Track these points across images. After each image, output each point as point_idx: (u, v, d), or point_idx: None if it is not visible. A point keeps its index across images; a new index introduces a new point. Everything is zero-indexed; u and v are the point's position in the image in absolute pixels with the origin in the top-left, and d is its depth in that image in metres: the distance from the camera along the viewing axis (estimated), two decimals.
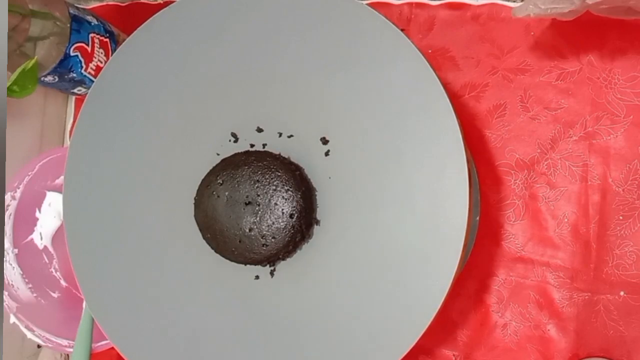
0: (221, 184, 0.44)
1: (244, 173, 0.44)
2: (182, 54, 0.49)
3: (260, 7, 0.47)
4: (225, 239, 0.44)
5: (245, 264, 0.45)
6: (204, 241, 0.46)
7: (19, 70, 0.49)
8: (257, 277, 0.45)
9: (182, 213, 0.47)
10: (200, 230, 0.46)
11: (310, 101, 0.45)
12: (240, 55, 0.47)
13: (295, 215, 0.43)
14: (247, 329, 0.45)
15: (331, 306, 0.43)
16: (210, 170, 0.46)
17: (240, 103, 0.47)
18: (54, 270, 0.69)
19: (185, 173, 0.47)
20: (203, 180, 0.46)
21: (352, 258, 0.43)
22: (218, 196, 0.44)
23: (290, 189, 0.43)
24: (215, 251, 0.45)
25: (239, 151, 0.46)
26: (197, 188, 0.46)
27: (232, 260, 0.45)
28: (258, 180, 0.44)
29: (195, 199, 0.46)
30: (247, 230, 0.44)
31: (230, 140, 0.47)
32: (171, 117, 0.49)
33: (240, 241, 0.44)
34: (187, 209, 0.46)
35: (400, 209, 0.42)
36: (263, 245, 0.44)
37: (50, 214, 0.69)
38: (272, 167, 0.44)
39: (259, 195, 0.44)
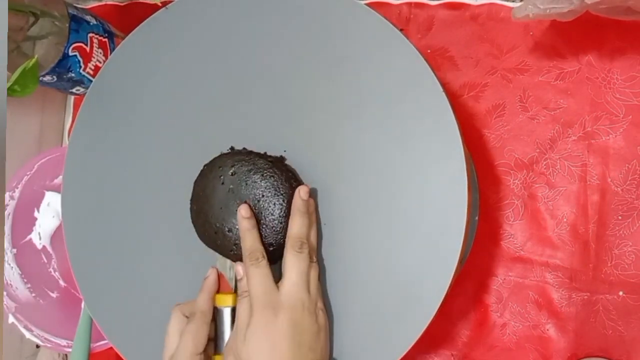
0: (232, 175, 0.44)
1: (256, 180, 0.43)
2: (181, 54, 0.49)
3: (258, 8, 0.47)
4: (205, 222, 0.45)
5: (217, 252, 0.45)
6: (202, 241, 0.46)
7: (19, 69, 0.49)
8: None
9: (181, 212, 0.47)
10: (191, 199, 0.46)
11: (309, 103, 0.45)
12: (238, 54, 0.47)
13: (274, 246, 0.43)
14: None
15: (330, 312, 0.43)
16: (232, 152, 0.45)
17: (239, 104, 0.47)
18: (52, 270, 0.69)
19: (183, 173, 0.47)
20: (221, 156, 0.45)
21: (351, 259, 0.43)
22: (223, 183, 0.44)
23: (283, 222, 0.43)
24: (192, 222, 0.45)
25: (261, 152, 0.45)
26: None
27: (202, 241, 0.45)
28: (264, 196, 0.43)
29: (204, 166, 0.45)
30: (227, 230, 0.44)
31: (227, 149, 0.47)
32: (169, 117, 0.49)
33: (215, 233, 0.44)
34: (185, 208, 0.46)
35: (399, 209, 0.42)
36: (231, 250, 0.44)
37: (49, 213, 0.69)
38: (280, 191, 0.43)
39: (256, 209, 0.43)
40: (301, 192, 0.42)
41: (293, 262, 0.40)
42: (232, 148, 0.46)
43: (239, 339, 0.40)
